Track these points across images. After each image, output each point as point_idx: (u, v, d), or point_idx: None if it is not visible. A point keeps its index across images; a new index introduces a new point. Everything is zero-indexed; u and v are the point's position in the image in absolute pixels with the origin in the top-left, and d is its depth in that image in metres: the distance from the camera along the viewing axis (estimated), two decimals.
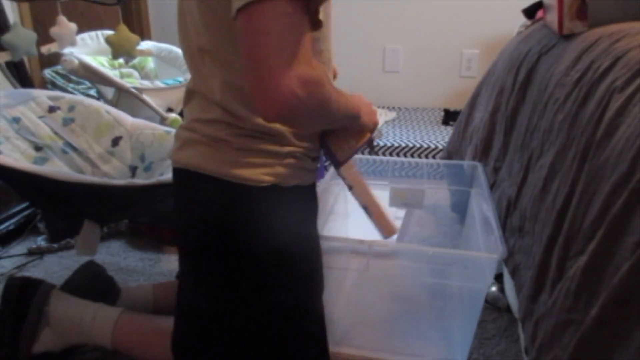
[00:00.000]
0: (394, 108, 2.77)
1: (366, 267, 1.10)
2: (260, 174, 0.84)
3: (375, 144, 1.01)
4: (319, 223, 1.25)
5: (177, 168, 0.90)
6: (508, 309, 1.34)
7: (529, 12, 1.60)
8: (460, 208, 1.60)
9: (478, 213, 1.28)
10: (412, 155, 2.20)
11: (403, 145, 2.21)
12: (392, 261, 1.13)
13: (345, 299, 1.38)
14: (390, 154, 2.22)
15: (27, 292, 1.09)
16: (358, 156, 2.11)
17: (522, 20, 1.71)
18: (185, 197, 0.90)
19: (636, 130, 0.68)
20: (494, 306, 1.39)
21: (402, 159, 2.01)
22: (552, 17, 1.20)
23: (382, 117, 2.56)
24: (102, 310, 1.11)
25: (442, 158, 1.97)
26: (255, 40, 0.66)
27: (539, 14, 1.54)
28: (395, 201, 1.48)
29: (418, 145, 2.20)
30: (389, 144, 2.22)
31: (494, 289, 1.43)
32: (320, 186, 1.37)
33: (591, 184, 0.75)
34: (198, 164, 0.85)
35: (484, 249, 1.13)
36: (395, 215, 1.47)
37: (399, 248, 1.07)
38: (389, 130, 2.41)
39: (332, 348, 1.23)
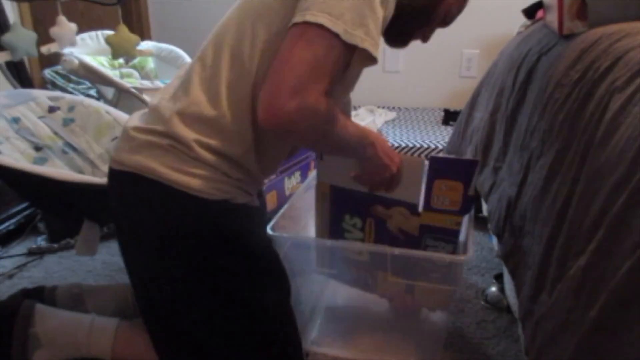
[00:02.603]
0: (394, 108, 2.77)
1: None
2: (211, 187, 0.85)
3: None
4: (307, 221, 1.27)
5: (122, 171, 0.88)
6: (508, 309, 1.34)
7: (529, 12, 1.60)
8: None
9: None
10: (412, 156, 2.20)
11: (403, 145, 2.21)
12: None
13: (324, 301, 1.39)
14: None
15: (7, 322, 1.05)
16: None
17: (522, 20, 1.71)
18: (135, 202, 0.88)
19: (636, 130, 0.68)
20: (494, 306, 1.39)
21: None
22: (552, 17, 1.20)
23: (382, 117, 2.56)
24: (98, 322, 1.09)
25: None
26: (290, 58, 0.74)
27: (539, 14, 1.54)
28: None
29: (418, 145, 2.20)
30: (389, 144, 2.22)
31: (493, 289, 1.43)
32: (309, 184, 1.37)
33: (591, 184, 0.75)
34: (153, 169, 0.84)
35: (461, 249, 1.14)
36: None
37: (366, 248, 1.10)
38: (389, 130, 2.41)
39: (314, 348, 1.24)
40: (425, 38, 1.06)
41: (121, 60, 2.01)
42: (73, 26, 1.74)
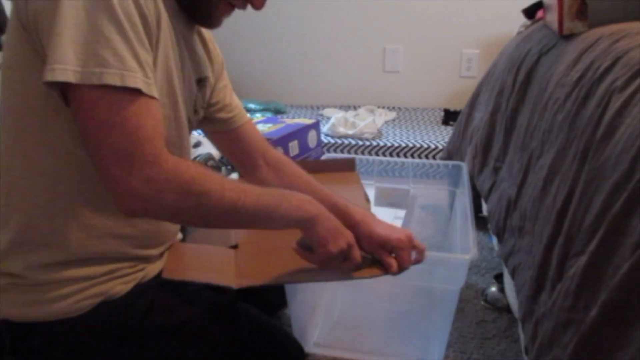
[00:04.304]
0: (394, 108, 2.77)
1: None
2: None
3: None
4: None
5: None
6: (508, 309, 1.35)
7: (529, 12, 1.60)
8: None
9: (460, 213, 1.29)
10: (412, 156, 2.20)
11: (403, 145, 2.21)
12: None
13: (326, 302, 1.39)
14: (391, 154, 2.22)
15: None
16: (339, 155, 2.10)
17: (522, 20, 1.71)
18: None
19: (636, 130, 0.68)
20: (494, 306, 1.39)
21: (388, 158, 2.01)
22: (552, 17, 1.21)
23: (382, 117, 2.57)
24: None
25: (442, 158, 1.97)
26: (97, 135, 0.62)
27: (539, 14, 1.54)
28: (380, 200, 1.49)
29: (418, 145, 2.20)
30: (389, 144, 2.22)
31: (493, 289, 1.43)
32: None
33: (591, 184, 0.75)
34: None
35: (460, 249, 1.13)
36: (396, 215, 1.48)
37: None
38: (389, 130, 2.41)
39: (312, 350, 1.24)
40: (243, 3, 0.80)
41: None
42: None
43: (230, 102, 1.01)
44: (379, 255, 0.87)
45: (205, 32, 0.91)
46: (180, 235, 0.97)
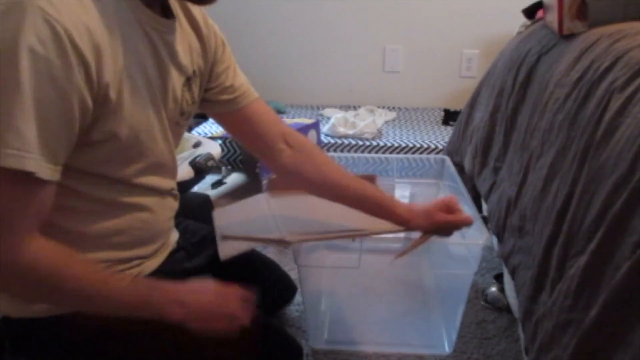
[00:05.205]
0: (394, 108, 2.77)
1: (358, 263, 1.10)
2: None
3: None
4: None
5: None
6: (508, 309, 1.34)
7: (529, 12, 1.60)
8: None
9: None
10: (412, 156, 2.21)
11: (403, 145, 2.21)
12: (381, 255, 1.14)
13: (334, 295, 1.39)
14: (390, 154, 2.22)
15: None
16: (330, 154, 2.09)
17: (522, 20, 1.71)
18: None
19: (636, 130, 0.68)
20: (494, 306, 1.39)
21: (373, 155, 2.00)
22: (552, 17, 1.21)
23: (382, 117, 2.57)
24: None
25: None
26: None
27: (539, 14, 1.54)
28: None
29: (418, 145, 2.20)
30: (389, 144, 2.22)
31: (493, 289, 1.43)
32: None
33: (591, 184, 0.75)
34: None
35: (463, 236, 1.13)
36: None
37: (385, 238, 1.09)
38: (389, 130, 2.41)
39: (316, 345, 1.24)
40: None
41: None
42: None
43: (233, 84, 0.93)
44: (444, 220, 0.99)
45: (198, 14, 0.85)
46: (176, 235, 0.97)
